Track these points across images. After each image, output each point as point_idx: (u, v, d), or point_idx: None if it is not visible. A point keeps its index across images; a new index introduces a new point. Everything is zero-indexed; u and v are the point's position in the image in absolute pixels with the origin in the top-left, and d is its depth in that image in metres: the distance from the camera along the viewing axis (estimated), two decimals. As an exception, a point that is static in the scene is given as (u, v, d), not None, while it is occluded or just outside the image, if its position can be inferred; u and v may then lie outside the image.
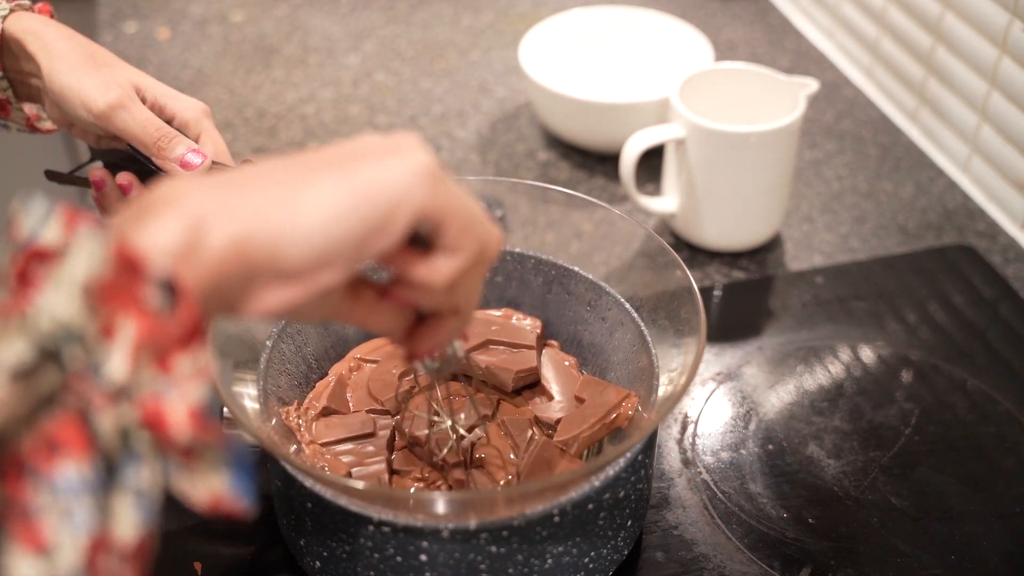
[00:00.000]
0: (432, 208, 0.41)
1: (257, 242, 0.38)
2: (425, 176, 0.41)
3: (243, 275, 0.38)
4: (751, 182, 0.87)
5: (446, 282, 0.44)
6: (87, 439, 0.32)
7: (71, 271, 0.33)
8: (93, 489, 0.32)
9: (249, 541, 0.67)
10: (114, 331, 0.33)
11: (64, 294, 0.33)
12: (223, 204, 0.38)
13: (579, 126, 0.99)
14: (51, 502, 0.32)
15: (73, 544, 0.32)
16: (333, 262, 0.40)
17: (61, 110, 0.68)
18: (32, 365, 0.32)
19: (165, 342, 0.34)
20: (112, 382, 0.33)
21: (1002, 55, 0.91)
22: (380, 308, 0.46)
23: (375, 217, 0.40)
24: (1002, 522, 0.69)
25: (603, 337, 0.70)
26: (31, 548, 0.31)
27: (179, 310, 0.35)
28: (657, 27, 1.08)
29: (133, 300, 0.34)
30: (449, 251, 0.43)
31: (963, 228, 0.95)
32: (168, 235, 0.36)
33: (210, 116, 0.69)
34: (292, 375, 0.67)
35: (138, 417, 0.33)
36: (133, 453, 0.33)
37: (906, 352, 0.82)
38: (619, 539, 0.63)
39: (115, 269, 0.34)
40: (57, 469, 0.32)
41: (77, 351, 0.33)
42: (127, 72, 0.68)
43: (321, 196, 0.39)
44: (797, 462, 0.73)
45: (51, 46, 0.67)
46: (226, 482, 0.35)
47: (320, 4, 1.25)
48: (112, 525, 0.33)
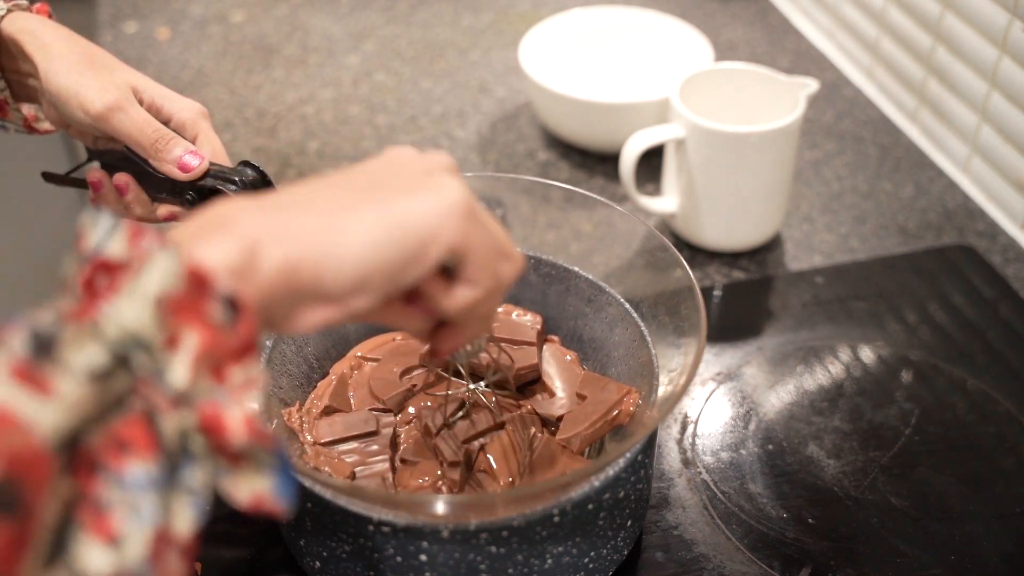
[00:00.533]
0: (460, 245, 0.45)
1: (304, 267, 0.41)
2: (459, 214, 0.44)
3: (289, 296, 0.41)
4: (751, 182, 0.87)
5: (462, 309, 0.48)
6: (153, 440, 0.35)
7: (146, 285, 0.36)
8: (158, 486, 0.34)
9: (249, 541, 0.67)
10: (179, 342, 0.36)
11: (137, 305, 0.35)
12: (274, 229, 0.41)
13: (579, 126, 0.99)
14: (120, 497, 0.34)
15: (140, 536, 0.34)
16: (370, 289, 0.43)
17: (58, 111, 0.68)
18: (107, 369, 0.34)
19: (223, 354, 0.37)
20: (174, 389, 0.36)
21: (1002, 55, 0.91)
22: (407, 314, 0.49)
23: (410, 250, 0.43)
24: (1002, 522, 0.69)
25: (603, 336, 0.70)
26: (102, 538, 0.33)
27: (239, 325, 0.37)
28: (657, 27, 1.08)
29: (199, 314, 0.36)
30: (469, 283, 0.47)
31: (963, 228, 0.95)
32: (227, 255, 0.39)
33: (207, 117, 0.69)
34: (293, 375, 0.67)
35: (196, 422, 0.36)
36: (190, 455, 0.36)
37: (906, 352, 0.82)
38: (619, 539, 0.63)
39: (187, 285, 0.36)
40: (126, 466, 0.34)
41: (144, 359, 0.35)
42: (125, 73, 0.68)
43: (362, 226, 0.42)
44: (797, 462, 0.73)
45: (49, 46, 0.67)
46: (269, 484, 0.37)
47: (320, 4, 1.25)
48: (172, 521, 0.35)
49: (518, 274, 0.49)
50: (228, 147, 0.68)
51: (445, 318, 0.50)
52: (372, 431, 0.64)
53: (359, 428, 0.64)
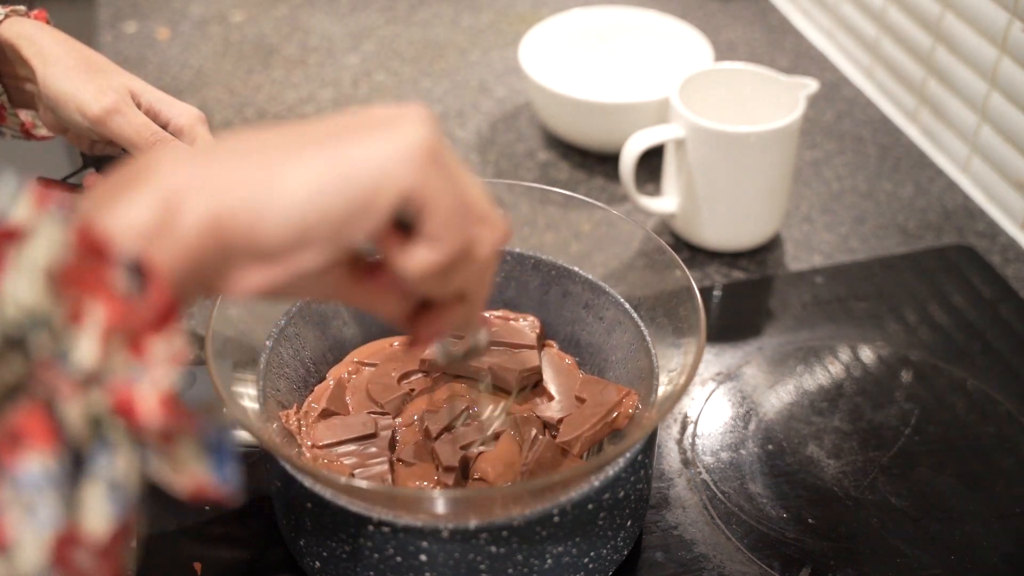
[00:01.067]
0: (417, 191, 0.39)
1: (233, 220, 0.37)
2: (415, 156, 0.39)
3: (219, 254, 0.37)
4: (751, 182, 0.87)
5: (422, 273, 0.41)
6: (52, 430, 0.31)
7: (32, 256, 0.32)
8: (58, 482, 0.31)
9: (249, 541, 0.67)
10: (82, 316, 0.32)
11: (26, 279, 0.32)
12: (199, 178, 0.37)
13: (579, 126, 0.99)
14: (13, 497, 0.30)
15: (36, 541, 0.30)
16: (312, 243, 0.38)
17: (56, 115, 0.68)
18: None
19: (137, 326, 0.33)
20: (81, 369, 0.32)
21: (1002, 55, 0.91)
22: (375, 290, 0.44)
23: (357, 196, 0.38)
24: (1002, 522, 0.69)
25: (602, 337, 0.70)
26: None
27: (150, 293, 0.33)
28: (657, 27, 1.08)
29: (100, 284, 0.33)
30: (429, 241, 0.41)
31: (963, 228, 0.95)
32: (139, 214, 0.35)
33: (205, 123, 0.69)
34: (290, 379, 0.67)
35: (109, 404, 0.32)
36: (106, 442, 0.32)
37: (906, 352, 0.82)
38: (619, 539, 0.63)
39: (78, 252, 0.33)
40: (20, 463, 0.31)
41: (44, 338, 0.32)
42: (122, 77, 0.68)
43: (301, 173, 0.38)
44: (797, 462, 0.73)
45: (46, 51, 0.67)
46: (207, 468, 0.34)
47: (320, 4, 1.25)
48: (82, 518, 0.32)
49: (498, 243, 0.43)
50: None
51: (410, 288, 0.44)
52: (371, 433, 0.64)
53: (357, 431, 0.64)
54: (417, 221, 0.40)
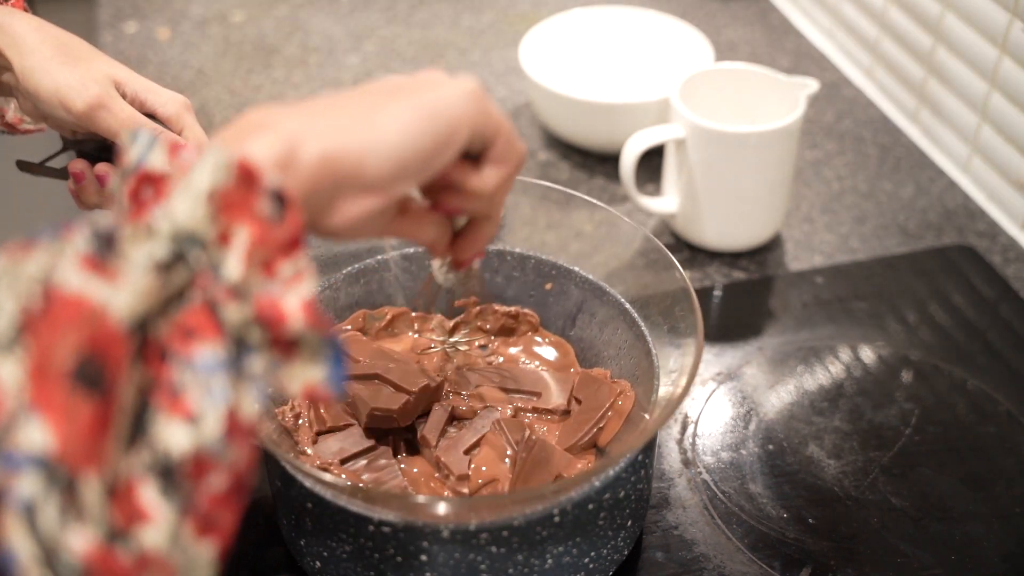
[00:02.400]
0: (483, 125, 0.48)
1: (343, 157, 0.43)
2: (475, 97, 0.47)
3: (331, 187, 0.43)
4: (751, 182, 0.86)
5: (494, 188, 0.50)
6: (217, 325, 0.36)
7: (198, 182, 0.37)
8: (226, 367, 0.36)
9: (249, 541, 0.67)
10: (230, 237, 0.37)
11: (190, 202, 0.37)
12: (312, 125, 0.42)
13: (579, 126, 0.99)
14: (192, 379, 0.35)
15: (215, 414, 0.35)
16: (407, 174, 0.45)
17: (38, 109, 0.66)
18: (168, 260, 0.36)
19: (273, 248, 0.38)
20: (230, 281, 0.37)
21: (1002, 55, 0.91)
22: (426, 220, 0.51)
23: (441, 133, 0.46)
24: (1002, 522, 0.69)
25: (602, 336, 0.70)
26: (180, 416, 0.35)
27: (287, 218, 0.38)
28: (657, 27, 1.08)
29: (249, 209, 0.37)
30: (497, 162, 0.49)
31: (963, 228, 0.95)
32: (271, 149, 0.40)
33: (190, 110, 0.68)
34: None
35: (252, 314, 0.37)
36: (249, 345, 0.37)
37: (906, 352, 0.82)
38: (619, 539, 0.63)
39: (236, 180, 0.37)
40: (195, 350, 0.35)
41: (199, 253, 0.37)
42: (104, 66, 0.66)
43: (395, 117, 0.45)
44: (797, 462, 0.73)
45: (20, 40, 0.65)
46: (322, 373, 0.38)
47: (320, 4, 1.25)
48: (240, 404, 0.36)
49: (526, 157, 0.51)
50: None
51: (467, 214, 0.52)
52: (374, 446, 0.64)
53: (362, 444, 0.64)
54: (488, 147, 0.49)
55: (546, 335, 0.72)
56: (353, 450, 0.63)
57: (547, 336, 0.72)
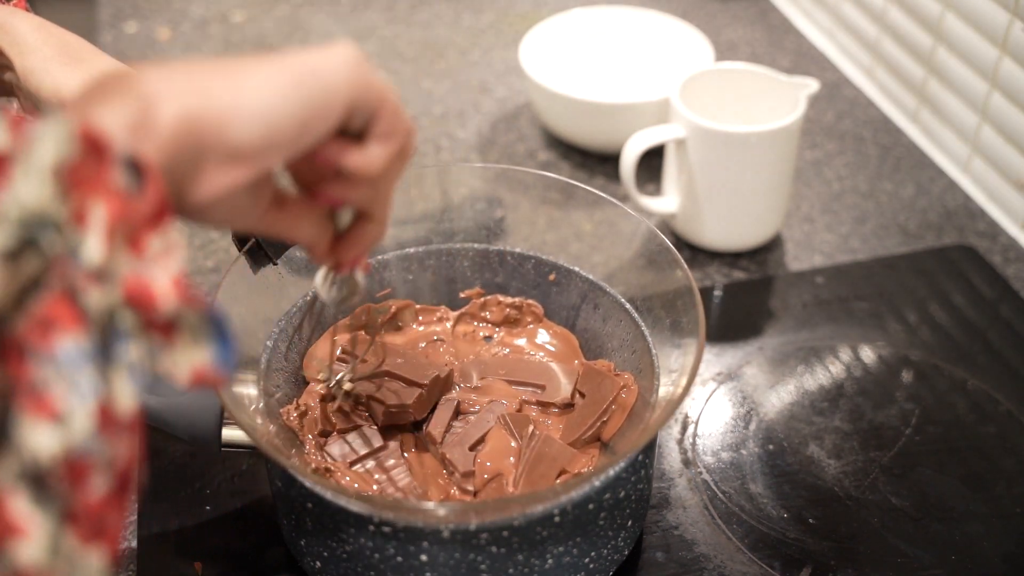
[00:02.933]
0: (365, 94, 0.44)
1: (206, 119, 0.39)
2: (356, 64, 0.44)
3: (193, 152, 0.39)
4: (751, 182, 0.86)
5: (380, 167, 0.46)
6: (78, 314, 0.33)
7: (39, 158, 0.33)
8: (92, 358, 0.33)
9: (249, 541, 0.67)
10: (86, 215, 0.34)
11: (35, 181, 0.33)
12: (170, 85, 0.39)
13: (579, 126, 0.99)
14: (55, 374, 0.32)
15: (83, 410, 0.33)
16: (278, 143, 0.42)
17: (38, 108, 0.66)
18: (15, 249, 0.33)
19: (136, 222, 0.35)
20: (91, 265, 0.34)
21: (1002, 55, 0.91)
22: (304, 217, 0.48)
23: (316, 98, 0.42)
24: (1002, 522, 0.69)
25: (602, 337, 0.70)
26: (45, 417, 0.32)
27: (146, 188, 0.35)
28: (657, 27, 1.08)
29: (102, 182, 0.34)
30: (382, 138, 0.45)
31: (963, 228, 0.95)
32: (123, 113, 0.37)
33: None
34: (287, 372, 0.67)
35: (121, 296, 0.34)
36: (119, 332, 0.34)
37: (906, 352, 0.82)
38: (619, 539, 0.63)
39: (82, 151, 0.34)
40: (55, 343, 0.33)
41: (54, 237, 0.33)
42: (103, 65, 0.66)
43: (264, 79, 0.41)
44: (797, 462, 0.73)
45: (22, 40, 0.65)
46: (208, 354, 0.36)
47: (320, 4, 1.25)
48: (113, 395, 0.34)
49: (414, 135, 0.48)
50: None
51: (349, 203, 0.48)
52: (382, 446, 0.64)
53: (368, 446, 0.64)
54: (370, 122, 0.45)
55: (550, 326, 0.72)
56: (362, 452, 0.63)
57: (551, 327, 0.72)
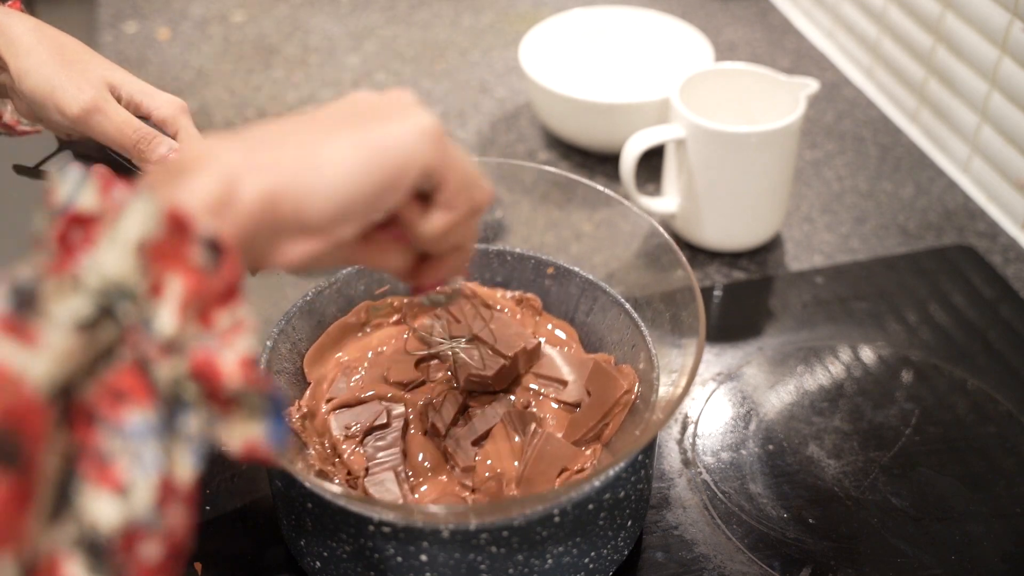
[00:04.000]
0: (435, 167, 0.45)
1: (284, 198, 0.40)
2: (432, 137, 0.44)
3: (270, 229, 0.40)
4: (751, 182, 0.86)
5: (438, 234, 0.47)
6: (148, 387, 0.34)
7: (125, 231, 0.35)
8: (158, 433, 0.34)
9: (249, 541, 0.67)
10: (163, 289, 0.35)
11: (117, 253, 0.34)
12: (252, 161, 0.40)
13: (579, 126, 0.99)
14: (121, 446, 0.33)
15: (146, 484, 0.33)
16: (352, 216, 0.43)
17: (33, 111, 0.66)
18: (91, 319, 0.34)
19: (209, 299, 0.36)
20: (162, 337, 0.35)
21: (1002, 55, 0.91)
22: (388, 248, 0.49)
23: (389, 175, 0.43)
24: (1003, 522, 0.69)
25: (603, 337, 0.70)
26: (108, 488, 0.33)
27: (223, 267, 0.36)
28: (657, 27, 1.08)
29: (181, 259, 0.35)
30: (445, 207, 0.47)
31: (963, 228, 0.95)
32: (205, 193, 0.38)
33: (186, 112, 0.67)
34: (289, 373, 0.67)
35: (188, 369, 0.35)
36: (183, 403, 0.35)
37: (906, 352, 0.82)
38: (619, 539, 0.63)
39: (166, 229, 0.35)
40: (124, 415, 0.33)
41: (129, 307, 0.34)
42: (99, 68, 0.65)
43: (340, 155, 0.42)
44: (797, 462, 0.73)
45: (17, 41, 0.64)
46: (262, 430, 0.36)
47: (320, 4, 1.25)
48: (173, 468, 0.34)
49: (489, 201, 0.49)
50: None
51: (422, 246, 0.49)
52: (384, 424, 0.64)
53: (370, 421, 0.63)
54: (436, 191, 0.46)
55: (550, 319, 0.72)
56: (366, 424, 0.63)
57: (550, 320, 0.72)
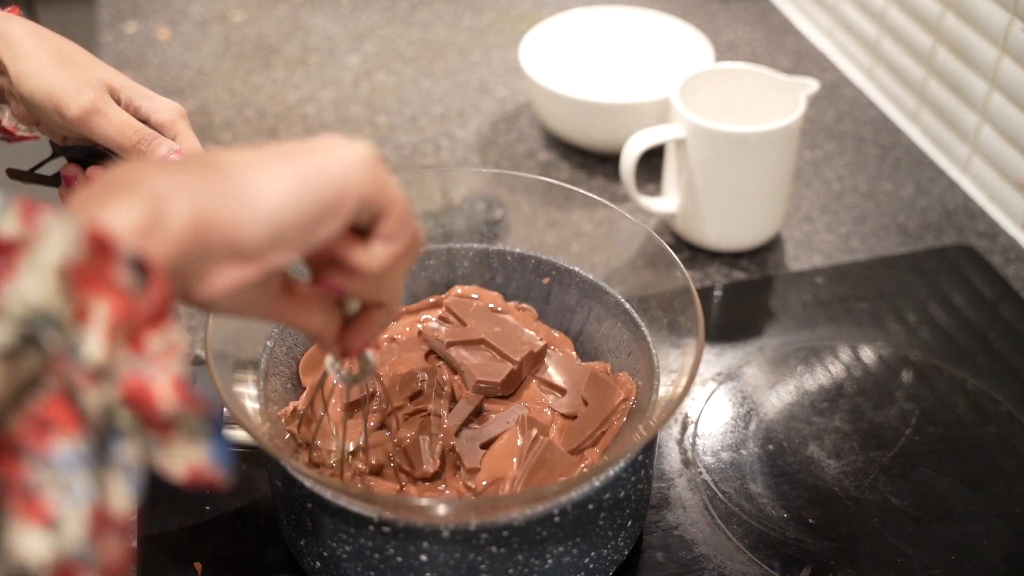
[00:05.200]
0: (374, 195, 0.44)
1: (214, 221, 0.39)
2: (368, 165, 0.44)
3: (200, 254, 0.40)
4: (751, 182, 0.86)
5: (382, 267, 0.46)
6: (76, 416, 0.33)
7: (45, 256, 0.33)
8: (89, 462, 0.33)
9: (249, 541, 0.67)
10: (88, 313, 0.34)
11: (39, 279, 0.33)
12: (181, 185, 0.39)
13: (579, 126, 0.99)
14: (50, 477, 0.32)
15: (77, 516, 0.32)
16: (285, 242, 0.42)
17: (32, 114, 0.66)
18: (14, 348, 0.32)
19: (138, 322, 0.35)
20: (91, 363, 0.34)
21: (1002, 55, 0.91)
22: (313, 305, 0.48)
23: (325, 200, 0.42)
24: (1003, 522, 0.69)
25: (602, 337, 0.70)
26: (37, 522, 0.32)
27: (151, 289, 0.35)
28: (657, 27, 1.08)
29: (106, 281, 0.34)
30: (387, 239, 0.46)
31: (963, 228, 0.95)
32: (131, 215, 0.37)
33: (185, 117, 0.67)
34: (284, 377, 0.67)
35: (119, 395, 0.34)
36: (117, 431, 0.34)
37: (906, 352, 0.82)
38: (619, 539, 0.63)
39: (88, 251, 0.34)
40: (52, 446, 0.32)
41: (54, 335, 0.33)
42: (98, 71, 0.65)
43: (274, 179, 0.42)
44: (797, 462, 0.73)
45: (15, 44, 0.64)
46: (204, 452, 0.36)
47: (320, 4, 1.25)
48: (108, 498, 0.33)
49: (423, 242, 0.49)
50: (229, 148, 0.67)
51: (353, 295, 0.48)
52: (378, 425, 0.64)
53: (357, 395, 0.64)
54: (376, 222, 0.45)
55: (546, 328, 0.72)
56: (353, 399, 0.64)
57: (547, 329, 0.72)
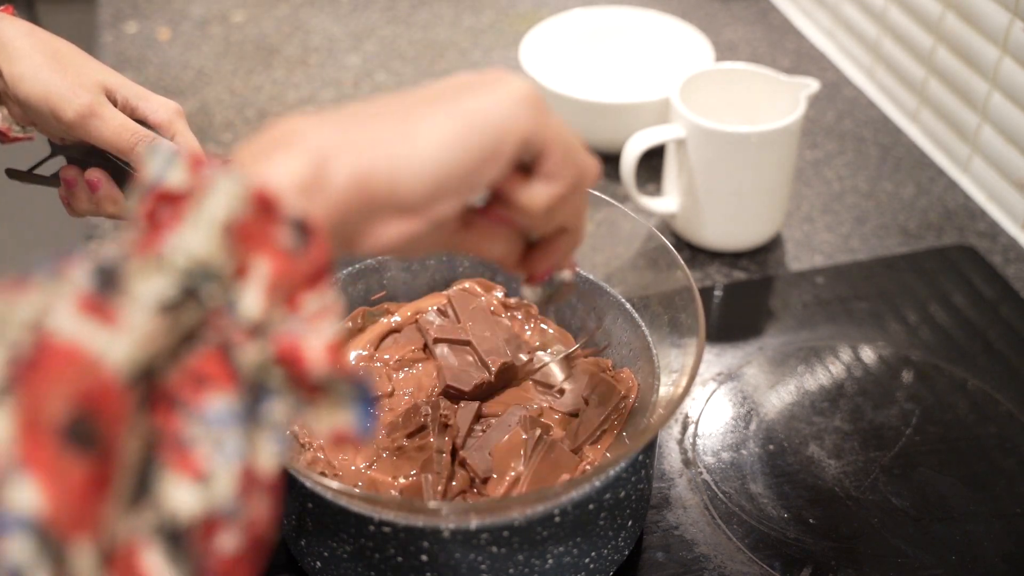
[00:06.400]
0: (535, 135, 0.43)
1: (376, 176, 0.39)
2: (529, 104, 0.42)
3: (363, 210, 0.39)
4: (751, 182, 0.87)
5: (544, 207, 0.45)
6: (231, 372, 0.33)
7: (211, 211, 0.34)
8: (241, 420, 0.33)
9: (250, 541, 0.67)
10: (248, 270, 0.34)
11: (203, 233, 0.34)
12: (342, 140, 0.39)
13: (579, 126, 0.99)
14: (203, 432, 0.32)
15: (227, 472, 0.32)
16: (448, 193, 0.41)
17: (29, 117, 0.66)
18: (175, 300, 0.33)
19: (296, 281, 0.35)
20: (247, 320, 0.34)
21: (1003, 55, 0.91)
22: (492, 234, 0.47)
23: (486, 145, 0.41)
24: (1003, 522, 0.69)
25: (603, 335, 0.70)
26: (189, 475, 0.32)
27: (311, 249, 0.35)
28: (657, 27, 1.08)
29: (268, 240, 0.34)
30: (548, 178, 0.44)
31: (964, 228, 0.95)
32: (295, 172, 0.37)
33: (182, 116, 0.67)
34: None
35: (273, 354, 0.34)
36: (267, 389, 0.34)
37: (907, 352, 0.82)
38: (620, 539, 0.63)
39: (253, 209, 0.34)
40: (206, 400, 0.32)
41: (214, 289, 0.33)
42: (94, 72, 0.65)
43: (435, 128, 0.40)
44: (798, 462, 0.73)
45: (10, 46, 0.64)
46: (350, 417, 0.35)
47: (321, 4, 1.25)
48: (256, 456, 0.33)
49: (596, 174, 0.47)
50: (229, 148, 0.67)
51: (528, 223, 0.46)
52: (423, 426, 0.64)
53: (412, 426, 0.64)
54: (536, 161, 0.44)
55: (547, 324, 0.72)
56: None
57: (548, 325, 0.72)
